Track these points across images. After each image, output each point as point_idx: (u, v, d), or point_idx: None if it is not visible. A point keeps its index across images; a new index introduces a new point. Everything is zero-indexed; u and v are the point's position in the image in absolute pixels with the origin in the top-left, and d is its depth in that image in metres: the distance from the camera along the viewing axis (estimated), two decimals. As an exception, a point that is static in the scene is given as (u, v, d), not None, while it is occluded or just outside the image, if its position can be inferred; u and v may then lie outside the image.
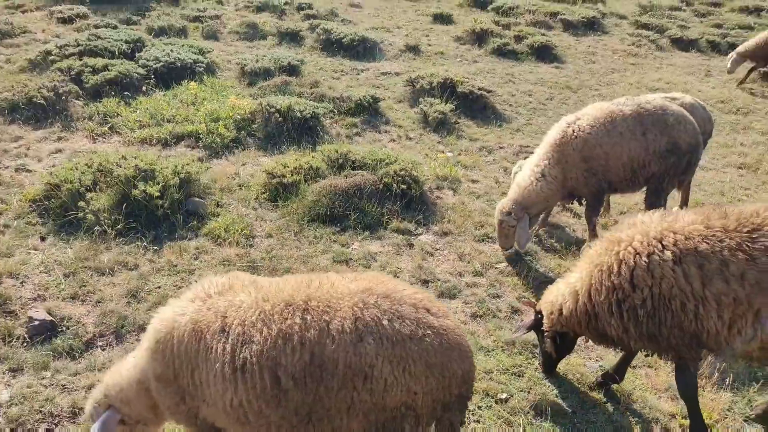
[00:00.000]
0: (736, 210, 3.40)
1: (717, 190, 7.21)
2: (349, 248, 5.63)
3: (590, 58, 12.86)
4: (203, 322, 2.73)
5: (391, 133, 8.60)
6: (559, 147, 5.41)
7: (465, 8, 17.53)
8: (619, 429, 3.72)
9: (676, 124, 5.37)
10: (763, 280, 3.13)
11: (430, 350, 2.59)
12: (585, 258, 3.74)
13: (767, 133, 8.95)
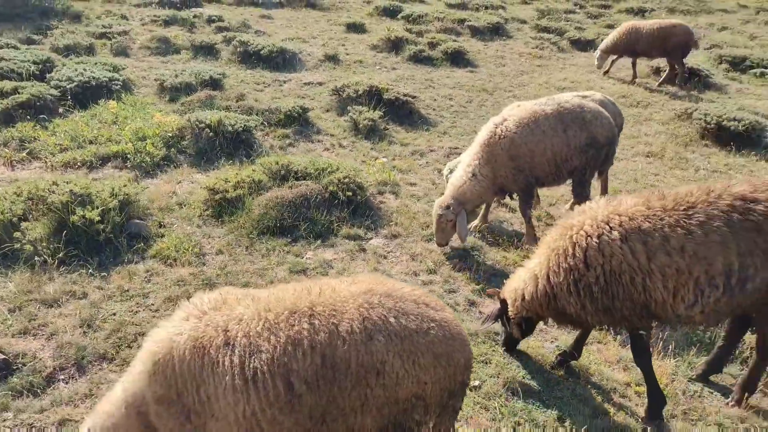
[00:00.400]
0: (672, 192, 3.81)
1: (631, 177, 7.85)
2: (304, 258, 5.68)
3: (500, 62, 13.52)
4: (204, 338, 2.74)
5: (323, 142, 8.70)
6: (488, 147, 5.76)
7: (375, 17, 17.90)
8: (583, 401, 4.04)
9: (594, 119, 5.84)
10: (700, 251, 3.54)
11: (436, 342, 2.76)
12: (542, 244, 4.05)
13: (666, 123, 9.81)
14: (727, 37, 16.02)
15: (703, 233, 3.55)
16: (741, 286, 3.57)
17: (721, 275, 3.55)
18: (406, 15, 17.32)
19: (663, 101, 10.92)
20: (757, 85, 12.19)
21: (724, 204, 3.64)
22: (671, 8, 20.61)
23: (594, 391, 4.15)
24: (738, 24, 18.34)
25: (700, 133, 9.14)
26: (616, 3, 21.62)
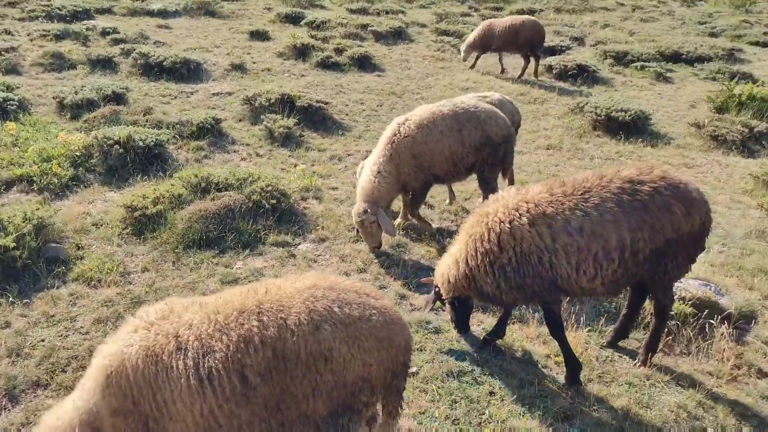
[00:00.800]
0: (570, 179, 4.26)
1: (534, 169, 8.45)
2: (234, 268, 5.74)
3: (405, 65, 13.98)
4: (156, 346, 2.83)
5: (240, 152, 8.71)
6: (392, 145, 6.00)
7: (278, 24, 17.89)
8: (511, 374, 4.41)
9: (488, 119, 6.13)
10: (596, 230, 3.99)
11: (378, 327, 2.99)
12: (461, 232, 4.41)
13: (561, 117, 10.57)
14: (610, 34, 17.36)
15: (599, 214, 4.01)
16: (634, 258, 4.06)
17: (616, 249, 4.01)
18: (309, 21, 17.45)
19: (557, 97, 11.74)
20: (639, 77, 13.35)
21: (615, 187, 4.11)
22: (558, 8, 22.01)
23: (519, 365, 4.54)
24: (618, 21, 19.90)
25: (592, 125, 9.94)
26: (507, 5, 22.79)
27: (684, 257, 4.29)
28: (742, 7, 24.33)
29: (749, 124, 9.52)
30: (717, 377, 4.48)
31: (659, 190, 4.11)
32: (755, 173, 8.00)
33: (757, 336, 4.95)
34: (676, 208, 4.08)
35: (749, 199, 7.51)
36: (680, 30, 18.87)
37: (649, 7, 23.91)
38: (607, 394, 4.27)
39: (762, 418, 4.13)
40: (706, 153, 9.30)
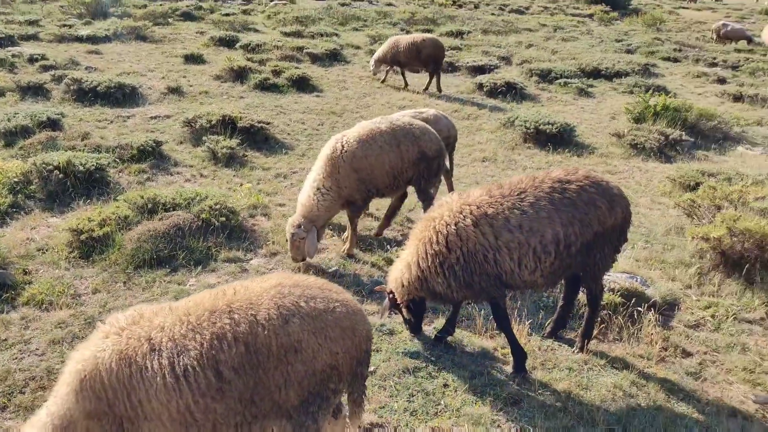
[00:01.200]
0: (506, 182, 4.65)
1: (473, 180, 8.89)
2: (187, 285, 5.80)
3: (343, 86, 14.31)
4: (129, 349, 2.96)
5: (183, 173, 8.75)
6: (332, 161, 6.15)
7: (212, 48, 17.89)
8: (462, 367, 4.71)
9: (422, 135, 6.43)
10: (533, 226, 4.37)
11: (341, 317, 3.22)
12: (411, 237, 4.70)
13: (494, 131, 11.13)
14: (534, 53, 18.32)
15: (534, 212, 4.39)
16: (568, 250, 4.45)
17: (551, 243, 4.40)
18: (244, 44, 17.55)
19: (488, 113, 12.33)
20: (563, 93, 14.18)
21: (547, 187, 4.52)
22: (485, 29, 22.99)
23: (469, 359, 4.84)
24: (541, 41, 20.99)
25: (522, 138, 10.52)
26: (436, 27, 23.61)
27: (610, 248, 4.74)
28: (653, 26, 26.13)
29: (665, 132, 10.34)
30: (647, 359, 4.92)
31: (585, 188, 4.54)
32: (672, 176, 8.72)
33: (680, 321, 5.46)
34: (600, 203, 4.52)
35: (668, 200, 8.19)
36: (599, 48, 20.11)
37: (569, 27, 25.31)
38: (550, 379, 4.63)
39: (687, 392, 4.58)
40: (627, 160, 10.03)
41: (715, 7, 39.42)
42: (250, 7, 28.90)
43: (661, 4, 38.05)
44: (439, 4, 34.29)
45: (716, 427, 4.18)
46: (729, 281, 5.99)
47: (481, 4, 35.89)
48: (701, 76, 16.48)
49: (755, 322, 5.45)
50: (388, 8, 30.39)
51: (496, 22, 25.01)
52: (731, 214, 6.22)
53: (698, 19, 31.40)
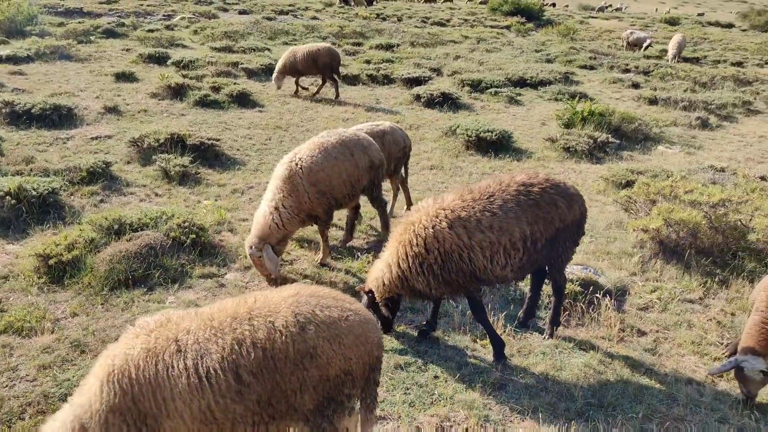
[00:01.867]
0: (476, 186, 5.07)
1: (425, 188, 9.32)
2: (167, 303, 5.86)
3: (283, 100, 14.47)
4: (157, 349, 3.14)
5: (137, 194, 8.68)
6: (289, 179, 6.26)
7: (142, 65, 17.55)
8: (448, 359, 5.07)
9: (369, 146, 6.75)
10: (503, 226, 4.80)
11: (355, 325, 3.44)
12: (391, 239, 5.03)
13: (437, 140, 11.65)
14: (463, 64, 19.14)
15: (503, 213, 4.83)
16: (534, 246, 4.92)
17: (520, 241, 4.85)
18: (176, 61, 17.33)
19: (429, 122, 12.87)
20: (494, 102, 14.94)
21: (513, 190, 4.97)
22: (412, 42, 23.73)
23: (453, 351, 5.21)
24: (467, 52, 21.91)
25: (465, 145, 11.08)
26: (365, 40, 24.13)
27: (570, 242, 5.26)
28: (567, 35, 27.80)
29: (593, 136, 11.19)
30: (608, 340, 5.46)
31: (546, 189, 5.03)
32: (605, 176, 9.50)
33: (632, 304, 6.06)
34: (560, 203, 5.02)
35: (603, 198, 8.92)
36: (521, 58, 21.24)
37: (490, 38, 26.51)
38: (528, 364, 5.06)
39: (647, 366, 5.14)
40: (561, 163, 10.78)
41: (621, 16, 42.26)
42: (173, 22, 28.42)
43: (572, 15, 40.39)
44: (363, 17, 34.96)
45: (677, 393, 4.74)
46: (668, 267, 6.68)
47: (404, 17, 36.86)
48: (617, 82, 17.77)
49: (695, 301, 6.13)
50: (315, 22, 30.68)
51: (422, 34, 25.83)
52: (666, 207, 6.93)
53: (607, 27, 33.61)
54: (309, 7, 41.16)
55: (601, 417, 4.45)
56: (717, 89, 16.66)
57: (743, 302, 6.01)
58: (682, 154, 11.34)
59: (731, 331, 5.63)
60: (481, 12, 40.41)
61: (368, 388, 3.63)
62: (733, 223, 6.88)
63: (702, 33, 33.43)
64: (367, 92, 15.54)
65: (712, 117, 13.78)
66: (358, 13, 37.71)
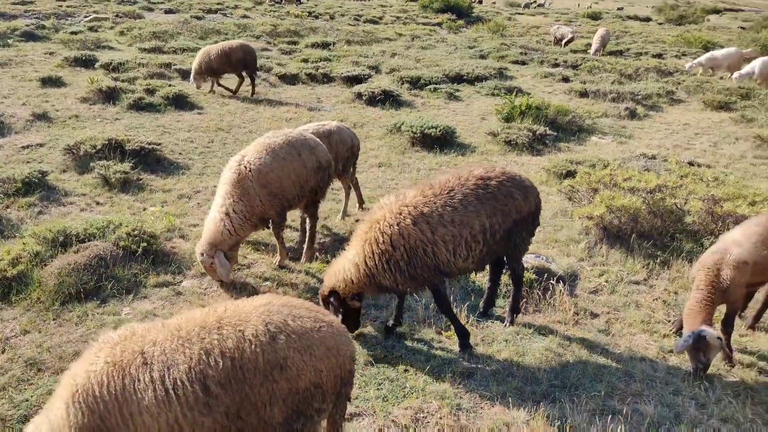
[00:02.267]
0: (436, 181, 5.18)
1: (376, 185, 9.40)
2: (122, 314, 5.69)
3: (222, 101, 14.19)
4: (122, 362, 3.06)
5: (77, 203, 8.34)
6: (240, 184, 6.11)
7: (68, 69, 16.78)
8: (415, 353, 5.18)
9: (316, 146, 6.66)
10: (464, 220, 4.94)
11: (327, 337, 3.38)
12: (355, 238, 5.06)
13: (382, 137, 11.75)
14: (400, 62, 19.31)
15: (463, 207, 4.97)
16: (493, 238, 5.08)
17: (480, 233, 5.00)
18: (105, 64, 16.67)
19: (373, 120, 12.95)
20: (434, 98, 15.18)
21: (471, 184, 5.12)
22: (348, 40, 23.72)
23: (420, 344, 5.32)
24: (403, 50, 22.11)
25: (410, 142, 11.23)
26: (300, 39, 23.95)
27: (527, 233, 5.46)
28: (497, 32, 28.50)
29: (532, 129, 11.58)
30: (564, 324, 5.71)
31: (503, 182, 5.20)
32: (546, 167, 9.86)
33: (583, 288, 6.36)
34: (516, 195, 5.21)
35: (547, 188, 9.25)
36: (456, 54, 21.64)
37: (424, 35, 26.85)
38: (492, 352, 5.23)
39: (603, 346, 5.41)
40: (504, 156, 11.10)
41: (546, 12, 43.69)
42: (97, 23, 27.28)
43: (500, 12, 41.43)
44: (295, 15, 34.66)
45: (633, 370, 5.03)
46: (613, 251, 7.03)
47: (336, 15, 36.79)
48: (548, 76, 18.40)
49: (640, 282, 6.49)
50: (245, 21, 30.15)
51: (357, 32, 25.88)
52: (608, 195, 7.29)
53: (533, 23, 34.70)
54: (238, 5, 40.44)
55: (566, 397, 4.66)
56: (642, 80, 17.54)
57: (684, 281, 6.41)
58: (614, 144, 11.90)
59: (676, 309, 6.00)
60: (413, 9, 40.82)
61: (339, 403, 3.58)
62: (669, 207, 7.31)
63: (623, 27, 35.05)
64: (307, 91, 15.45)
65: (639, 107, 14.51)
66: (290, 11, 37.37)
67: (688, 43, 26.13)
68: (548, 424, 4.29)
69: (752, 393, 4.84)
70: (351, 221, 8.04)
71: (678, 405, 4.62)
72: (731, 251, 5.05)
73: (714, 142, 11.96)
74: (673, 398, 4.71)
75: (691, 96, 16.07)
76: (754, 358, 5.32)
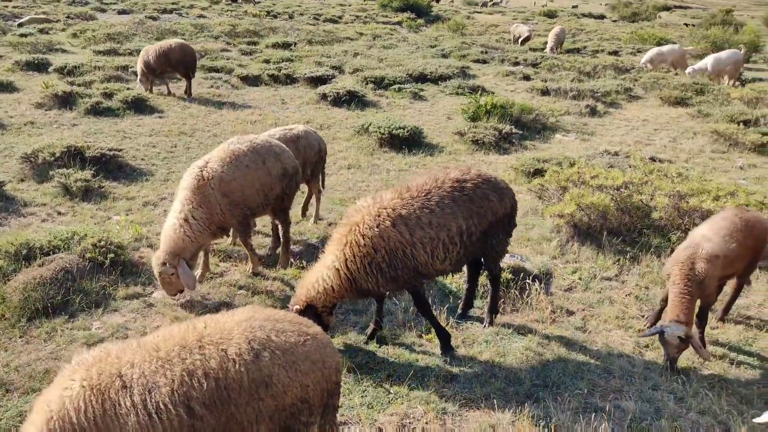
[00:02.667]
0: (413, 184, 5.17)
1: (346, 187, 9.34)
2: (93, 329, 5.50)
3: (184, 104, 13.88)
4: (100, 386, 2.92)
5: (37, 213, 8.04)
6: (199, 190, 5.88)
7: (20, 73, 16.18)
8: (397, 357, 5.16)
9: (282, 152, 6.46)
10: (441, 222, 4.94)
11: (312, 351, 3.32)
12: (333, 243, 4.99)
13: (350, 138, 11.68)
14: (363, 62, 19.24)
15: (440, 209, 4.97)
16: (469, 239, 5.10)
17: (457, 235, 5.01)
18: (59, 67, 16.14)
19: (339, 121, 12.87)
20: (399, 98, 15.18)
21: (448, 186, 5.12)
22: (309, 40, 23.54)
23: (402, 349, 5.30)
24: (365, 49, 22.05)
25: (378, 143, 11.20)
26: (261, 39, 23.66)
27: (503, 234, 5.49)
28: (457, 31, 28.73)
29: (498, 128, 11.69)
30: (542, 322, 5.78)
31: (479, 185, 5.22)
32: (514, 166, 9.97)
33: (557, 286, 6.44)
34: (492, 197, 5.23)
35: (516, 186, 9.27)
36: (418, 54, 21.70)
37: (385, 35, 26.86)
38: (474, 353, 5.25)
39: (580, 343, 5.50)
40: (472, 155, 11.18)
41: (503, 10, 44.26)
42: (47, 25, 26.38)
43: (458, 10, 41.77)
44: (253, 15, 34.22)
45: (612, 366, 5.12)
46: (584, 248, 7.15)
47: (295, 14, 36.50)
48: (509, 74, 18.62)
49: (612, 278, 6.62)
50: (202, 21, 29.64)
51: (318, 32, 25.71)
52: (577, 192, 7.41)
53: (492, 22, 35.11)
54: (194, 5, 39.71)
55: (549, 397, 4.71)
56: (600, 78, 17.92)
57: (654, 276, 6.56)
58: (578, 141, 12.12)
59: (647, 303, 6.14)
60: (372, 8, 40.81)
61: (327, 414, 3.52)
62: (636, 204, 7.48)
63: (578, 24, 35.77)
64: (270, 93, 15.27)
65: (600, 104, 14.82)
66: (248, 11, 36.90)
67: (642, 40, 26.83)
68: (533, 424, 4.32)
69: (726, 384, 4.98)
70: (324, 225, 7.96)
71: (658, 400, 4.72)
72: (703, 246, 5.19)
73: (673, 138, 12.30)
74: (653, 393, 4.81)
75: (648, 92, 16.49)
76: (725, 349, 5.49)
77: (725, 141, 11.53)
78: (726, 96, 15.13)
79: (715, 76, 17.54)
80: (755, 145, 11.15)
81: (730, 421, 4.44)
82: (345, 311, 5.90)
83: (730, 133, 11.47)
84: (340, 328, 5.52)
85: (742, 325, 5.85)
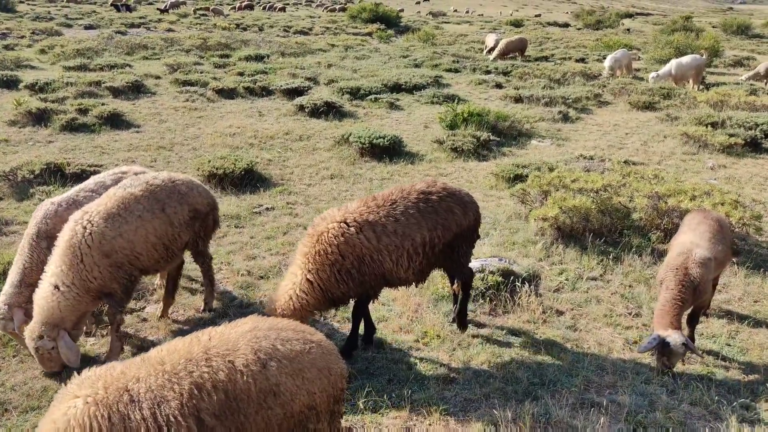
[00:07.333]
0: (379, 194, 5.29)
1: (331, 197, 9.39)
2: (87, 345, 5.47)
3: (160, 119, 13.81)
4: (107, 401, 2.92)
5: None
6: (71, 249, 4.85)
7: (-11, 90, 15.93)
8: (396, 362, 5.25)
9: (189, 191, 5.51)
10: (406, 231, 5.06)
11: (317, 358, 3.38)
12: (299, 255, 5.04)
13: (331, 149, 11.76)
14: (337, 72, 19.36)
15: (405, 219, 5.09)
16: (432, 250, 5.22)
17: (421, 245, 5.13)
18: (29, 84, 15.90)
19: (318, 132, 12.94)
20: (376, 108, 15.32)
21: (413, 197, 5.24)
22: (282, 52, 23.60)
23: (399, 354, 5.38)
24: (338, 60, 22.20)
25: (359, 153, 11.30)
26: (233, 52, 23.62)
27: (467, 245, 5.60)
28: (428, 41, 29.11)
29: (476, 135, 11.89)
30: (534, 323, 5.92)
31: (443, 197, 5.35)
32: (494, 172, 10.16)
33: (546, 288, 6.60)
34: (456, 210, 5.36)
35: (498, 192, 9.55)
36: (391, 64, 21.92)
37: (357, 46, 27.07)
38: (471, 356, 5.37)
39: (573, 342, 5.65)
40: (452, 163, 11.35)
41: (471, 20, 44.95)
42: (11, 41, 25.95)
43: (427, 21, 42.27)
44: (222, 28, 34.14)
45: (604, 363, 5.28)
46: (569, 250, 7.34)
47: (265, 26, 36.53)
48: (482, 83, 18.92)
49: (597, 278, 6.81)
50: (172, 35, 29.50)
51: (290, 44, 25.79)
52: (560, 196, 7.61)
53: (461, 32, 35.64)
54: (162, 19, 39.45)
55: (547, 394, 4.84)
56: (570, 84, 18.35)
57: (637, 275, 6.77)
58: (553, 147, 12.40)
59: (633, 301, 6.34)
60: (341, 20, 41.07)
61: (333, 421, 3.57)
62: (616, 206, 7.71)
63: (545, 33, 36.54)
64: (247, 105, 15.27)
65: (571, 110, 15.17)
66: (217, 23, 36.81)
67: (608, 47, 27.50)
68: (534, 421, 4.44)
69: (713, 375, 5.18)
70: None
71: (651, 393, 4.89)
72: (694, 251, 5.34)
73: (644, 141, 12.67)
74: (645, 387, 4.97)
75: (617, 98, 16.93)
76: (711, 342, 5.70)
77: (695, 143, 11.93)
78: (692, 99, 15.63)
79: (678, 80, 18.12)
80: (723, 146, 11.55)
81: (720, 410, 4.63)
82: (342, 319, 5.97)
83: (699, 135, 11.87)
84: (336, 336, 5.56)
85: (725, 318, 6.08)
